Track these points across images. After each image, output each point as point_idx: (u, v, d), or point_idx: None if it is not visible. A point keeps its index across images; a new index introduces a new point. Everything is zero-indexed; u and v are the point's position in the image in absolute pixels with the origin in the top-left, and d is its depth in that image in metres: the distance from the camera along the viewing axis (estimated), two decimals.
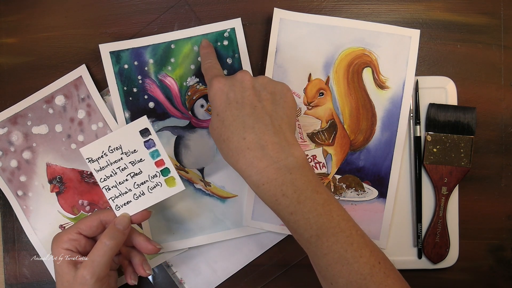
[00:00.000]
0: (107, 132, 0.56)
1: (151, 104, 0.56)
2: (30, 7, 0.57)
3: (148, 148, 0.50)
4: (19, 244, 0.57)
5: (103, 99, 0.56)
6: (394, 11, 0.57)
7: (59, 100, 0.56)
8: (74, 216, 0.57)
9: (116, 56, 0.56)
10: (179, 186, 0.50)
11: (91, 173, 0.56)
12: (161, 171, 0.50)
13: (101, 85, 0.57)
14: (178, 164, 0.56)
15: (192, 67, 0.56)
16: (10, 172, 0.56)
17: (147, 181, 0.50)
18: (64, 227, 0.57)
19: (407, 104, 0.55)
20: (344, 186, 0.56)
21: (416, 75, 0.56)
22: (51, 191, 0.56)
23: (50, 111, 0.56)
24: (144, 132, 0.50)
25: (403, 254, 0.56)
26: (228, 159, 0.44)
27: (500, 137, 0.57)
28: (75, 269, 0.46)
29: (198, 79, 0.56)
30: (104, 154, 0.49)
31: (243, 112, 0.43)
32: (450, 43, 0.57)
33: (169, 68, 0.56)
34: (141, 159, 0.50)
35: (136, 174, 0.50)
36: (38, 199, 0.56)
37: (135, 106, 0.56)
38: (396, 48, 0.55)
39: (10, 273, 0.57)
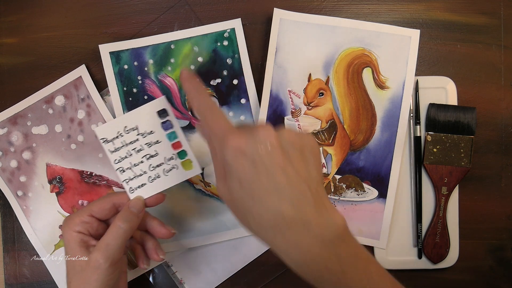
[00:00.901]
0: None
1: None
2: (30, 7, 0.57)
3: (165, 129, 0.48)
4: (19, 244, 0.57)
5: (103, 99, 0.56)
6: (394, 11, 0.57)
7: (59, 100, 0.56)
8: None
9: (116, 56, 0.56)
10: (196, 169, 0.48)
11: (91, 173, 0.56)
12: (178, 153, 0.49)
13: (101, 85, 0.57)
14: None
15: (192, 67, 0.56)
16: (10, 172, 0.56)
17: (163, 163, 0.48)
18: None
19: (407, 104, 0.55)
20: (344, 186, 0.56)
21: (416, 75, 0.56)
22: (51, 191, 0.56)
23: (50, 111, 0.56)
24: (162, 113, 0.48)
25: (403, 254, 0.56)
26: (258, 235, 0.37)
27: (500, 137, 0.57)
28: (88, 252, 0.45)
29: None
30: (120, 134, 0.48)
31: (275, 181, 0.35)
32: (450, 43, 0.57)
33: (169, 68, 0.56)
34: (157, 140, 0.48)
35: (152, 156, 0.48)
36: (38, 199, 0.56)
37: (135, 107, 0.56)
38: (396, 48, 0.55)
39: (10, 273, 0.57)
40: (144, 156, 0.48)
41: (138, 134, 0.48)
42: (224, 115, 0.39)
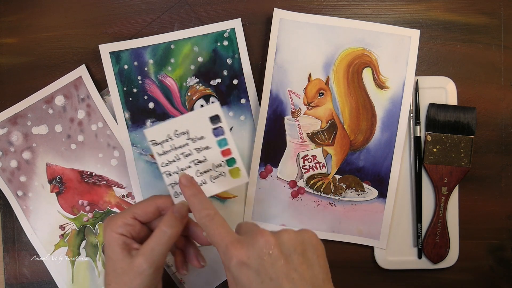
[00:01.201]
0: (107, 132, 0.56)
1: (151, 105, 0.56)
2: (30, 7, 0.57)
3: (216, 135, 0.47)
4: (19, 244, 0.57)
5: (103, 99, 0.56)
6: (394, 11, 0.57)
7: (59, 100, 0.56)
8: (74, 216, 0.57)
9: (116, 56, 0.56)
10: (244, 178, 0.48)
11: (91, 173, 0.56)
12: (226, 160, 0.47)
13: (101, 85, 0.57)
14: None
15: (192, 67, 0.56)
16: (10, 172, 0.56)
17: (210, 169, 0.47)
18: (64, 227, 0.57)
19: (407, 104, 0.55)
20: (344, 186, 0.56)
21: (416, 75, 0.56)
22: (51, 191, 0.56)
23: (50, 111, 0.56)
24: (215, 119, 0.46)
25: (403, 254, 0.56)
26: None
27: (500, 137, 0.57)
28: (130, 256, 0.43)
29: (198, 80, 0.56)
30: (170, 138, 0.46)
31: None
32: (450, 43, 0.57)
33: (169, 68, 0.56)
34: (207, 146, 0.47)
35: (200, 162, 0.47)
36: (38, 199, 0.56)
37: (135, 107, 0.56)
38: (396, 48, 0.55)
39: (10, 273, 0.57)
40: (192, 161, 0.47)
41: (188, 139, 0.46)
42: (224, 223, 0.41)
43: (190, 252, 0.49)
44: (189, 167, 0.47)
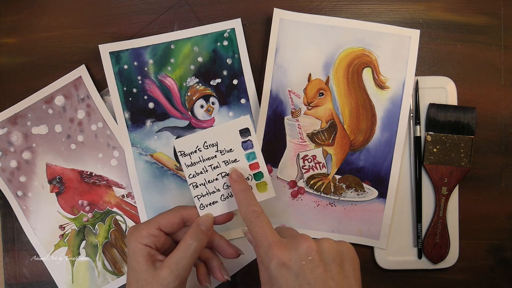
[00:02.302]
0: (107, 132, 0.56)
1: (151, 105, 0.56)
2: (30, 7, 0.57)
3: (245, 149, 0.47)
4: (19, 244, 0.57)
5: (103, 99, 0.56)
6: (394, 11, 0.57)
7: (59, 100, 0.56)
8: (73, 216, 0.57)
9: (116, 56, 0.56)
10: (270, 192, 0.48)
11: (90, 173, 0.56)
12: (254, 174, 0.47)
13: (101, 85, 0.57)
14: (178, 165, 0.56)
15: (192, 67, 0.56)
16: (10, 173, 0.56)
17: None
18: (64, 227, 0.57)
19: (407, 104, 0.55)
20: (344, 186, 0.56)
21: (416, 75, 0.56)
22: (51, 192, 0.56)
23: (50, 111, 0.56)
24: (244, 132, 0.47)
25: (403, 254, 0.56)
26: None
27: (500, 137, 0.57)
28: (154, 267, 0.43)
29: (197, 80, 0.56)
30: (198, 149, 0.46)
31: None
32: (450, 43, 0.57)
33: (169, 68, 0.56)
34: (235, 159, 0.47)
35: (228, 175, 0.47)
36: (37, 199, 0.56)
37: (135, 107, 0.56)
38: (396, 48, 0.55)
39: (10, 273, 0.57)
40: (220, 173, 0.47)
41: (216, 151, 0.46)
42: (269, 223, 0.42)
43: (213, 265, 0.48)
44: (217, 179, 0.47)
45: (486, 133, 0.57)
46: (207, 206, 0.47)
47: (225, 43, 0.56)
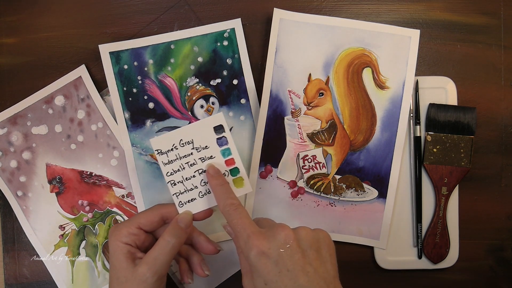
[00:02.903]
0: (107, 132, 0.56)
1: (151, 105, 0.56)
2: (30, 7, 0.57)
3: (220, 145, 0.48)
4: (19, 244, 0.57)
5: (103, 99, 0.56)
6: (394, 11, 0.57)
7: (59, 100, 0.56)
8: (73, 217, 0.57)
9: (115, 56, 0.56)
10: (247, 187, 0.48)
11: (90, 173, 0.56)
12: (230, 170, 0.48)
13: (101, 85, 0.57)
14: None
15: (192, 67, 0.56)
16: (10, 173, 0.56)
17: None
18: (64, 227, 0.57)
19: (407, 104, 0.55)
20: (344, 186, 0.56)
21: (416, 75, 0.56)
22: (51, 192, 0.56)
23: (50, 111, 0.56)
24: (218, 129, 0.48)
25: (403, 254, 0.56)
26: None
27: (500, 137, 0.57)
28: (134, 264, 0.44)
29: (197, 80, 0.56)
30: (175, 147, 0.47)
31: (298, 282, 0.39)
32: (450, 43, 0.57)
33: (169, 68, 0.56)
34: (211, 156, 0.48)
35: (205, 171, 0.48)
36: (37, 199, 0.56)
37: (135, 107, 0.56)
38: (396, 48, 0.55)
39: (10, 273, 0.57)
40: (197, 170, 0.48)
41: (192, 148, 0.47)
42: (247, 214, 0.43)
43: (194, 261, 0.49)
44: (194, 176, 0.48)
45: (486, 133, 0.57)
46: (186, 204, 0.48)
47: (225, 43, 0.56)
